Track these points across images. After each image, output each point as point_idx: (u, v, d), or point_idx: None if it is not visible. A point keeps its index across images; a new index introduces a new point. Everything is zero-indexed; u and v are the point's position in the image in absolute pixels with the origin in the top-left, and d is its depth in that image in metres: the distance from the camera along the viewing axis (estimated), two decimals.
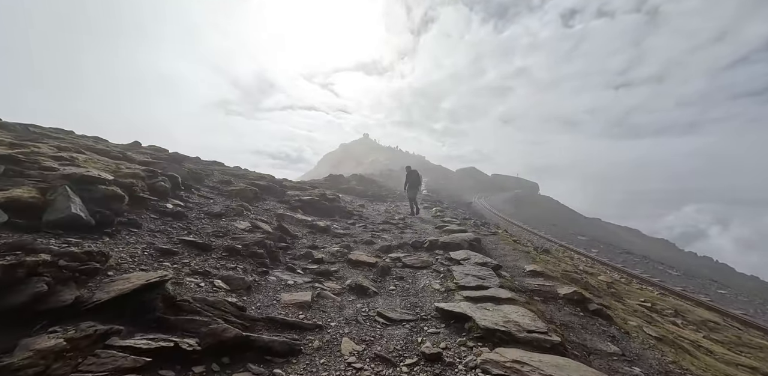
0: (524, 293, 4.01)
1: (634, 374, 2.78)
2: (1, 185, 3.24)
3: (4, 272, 2.08)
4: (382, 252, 5.44)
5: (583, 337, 3.28)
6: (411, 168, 12.39)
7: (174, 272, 3.14)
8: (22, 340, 1.75)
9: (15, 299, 2.02)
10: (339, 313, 3.20)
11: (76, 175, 3.82)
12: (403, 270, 4.66)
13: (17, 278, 2.10)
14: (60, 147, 5.13)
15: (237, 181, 7.31)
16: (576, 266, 8.99)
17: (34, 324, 1.95)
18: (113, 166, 4.86)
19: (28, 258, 2.23)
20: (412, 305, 3.50)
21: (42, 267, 2.26)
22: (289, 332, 2.67)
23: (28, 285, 2.10)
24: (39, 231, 2.95)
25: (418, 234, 7.36)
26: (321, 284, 3.81)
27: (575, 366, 2.23)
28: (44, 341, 1.74)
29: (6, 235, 2.70)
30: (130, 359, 1.80)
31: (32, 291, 2.06)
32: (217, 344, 2.18)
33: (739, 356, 4.77)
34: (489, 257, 5.50)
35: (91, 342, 1.86)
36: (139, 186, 4.54)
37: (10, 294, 2.03)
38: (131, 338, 2.01)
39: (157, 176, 5.16)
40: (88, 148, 5.73)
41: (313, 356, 2.43)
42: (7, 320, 1.93)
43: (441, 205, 20.83)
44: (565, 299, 4.12)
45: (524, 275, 4.93)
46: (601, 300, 4.77)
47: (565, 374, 2.11)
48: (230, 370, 2.11)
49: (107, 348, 1.86)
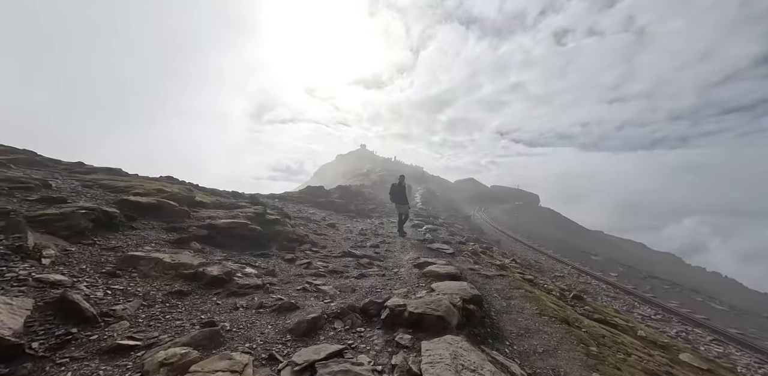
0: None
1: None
2: None
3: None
4: (293, 338, 2.76)
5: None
6: (399, 181, 10.05)
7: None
8: None
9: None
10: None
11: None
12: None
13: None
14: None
15: (92, 196, 4.65)
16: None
17: None
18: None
19: None
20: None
21: None
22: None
23: None
24: None
25: (385, 280, 4.69)
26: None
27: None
28: None
29: None
30: None
31: None
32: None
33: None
34: (500, 348, 2.84)
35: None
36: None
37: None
38: None
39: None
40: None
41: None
42: None
43: (436, 220, 18.15)
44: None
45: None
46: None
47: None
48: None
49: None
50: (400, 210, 9.95)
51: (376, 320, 3.32)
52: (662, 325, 10.83)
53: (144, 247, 3.74)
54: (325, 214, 13.88)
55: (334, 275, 4.84)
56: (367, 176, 74.46)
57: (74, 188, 4.87)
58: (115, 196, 4.76)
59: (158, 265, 3.28)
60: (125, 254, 3.40)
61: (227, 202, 6.64)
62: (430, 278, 4.60)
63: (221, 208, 6.25)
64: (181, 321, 2.51)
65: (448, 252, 7.49)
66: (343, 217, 14.27)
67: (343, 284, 4.32)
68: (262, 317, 2.98)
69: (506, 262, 8.39)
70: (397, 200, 9.87)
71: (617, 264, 20.33)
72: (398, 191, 9.96)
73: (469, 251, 8.24)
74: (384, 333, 3.01)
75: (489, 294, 4.61)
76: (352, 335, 2.96)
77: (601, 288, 15.24)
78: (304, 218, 10.48)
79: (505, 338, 3.21)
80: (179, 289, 3.03)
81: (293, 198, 16.09)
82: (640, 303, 12.88)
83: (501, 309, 4.04)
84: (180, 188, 6.10)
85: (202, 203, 5.90)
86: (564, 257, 21.12)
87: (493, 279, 5.29)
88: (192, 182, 9.83)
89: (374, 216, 16.36)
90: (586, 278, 16.89)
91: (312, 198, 16.48)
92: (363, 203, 19.52)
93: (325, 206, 15.81)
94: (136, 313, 2.45)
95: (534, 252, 22.15)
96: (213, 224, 5.00)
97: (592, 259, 20.93)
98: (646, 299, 13.28)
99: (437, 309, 3.11)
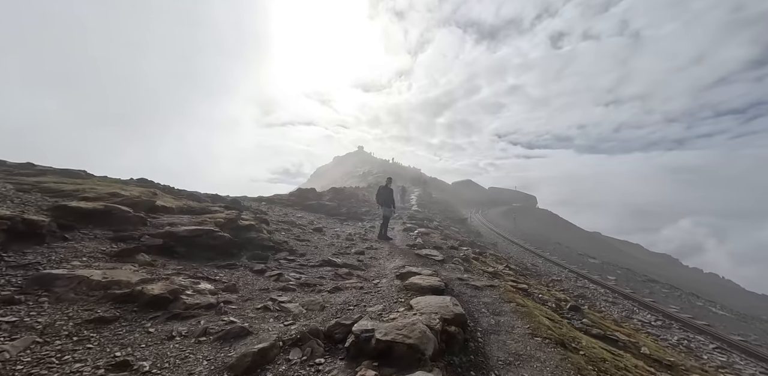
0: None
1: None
2: None
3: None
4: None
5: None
6: (386, 183, 10.01)
7: None
8: None
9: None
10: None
11: None
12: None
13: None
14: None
15: (22, 202, 4.10)
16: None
17: None
18: None
19: None
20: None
21: None
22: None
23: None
24: None
25: (361, 294, 4.20)
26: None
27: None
28: None
29: None
30: None
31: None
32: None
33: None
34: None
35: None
36: None
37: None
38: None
39: None
40: None
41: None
42: None
43: (430, 223, 17.69)
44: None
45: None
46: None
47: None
48: None
49: None
50: (385, 213, 9.59)
51: (341, 347, 2.84)
52: (663, 332, 10.40)
53: (71, 262, 3.22)
54: (313, 217, 13.38)
55: (305, 289, 4.35)
56: (363, 178, 73.97)
57: (4, 192, 4.31)
58: (54, 201, 4.25)
59: (82, 284, 2.78)
60: (38, 272, 2.88)
61: (197, 206, 6.13)
62: (410, 292, 4.13)
63: (189, 213, 5.75)
64: (82, 364, 1.98)
65: (437, 259, 7.03)
66: (332, 220, 13.78)
67: (311, 301, 3.83)
68: (200, 349, 2.49)
69: (499, 268, 7.93)
70: (383, 203, 9.52)
71: (615, 267, 19.92)
72: (385, 193, 9.58)
73: (460, 258, 7.78)
74: (346, 366, 2.52)
75: (476, 309, 4.15)
76: (308, 370, 2.48)
77: (599, 293, 14.81)
78: (289, 222, 9.98)
79: (490, 368, 2.73)
80: (101, 315, 2.52)
81: (282, 201, 15.58)
82: (640, 308, 12.46)
83: (488, 328, 3.57)
84: (141, 192, 5.57)
85: (165, 207, 5.39)
86: (561, 259, 20.72)
87: (483, 291, 4.82)
88: (169, 185, 9.32)
89: (366, 219, 15.88)
90: (583, 281, 16.46)
91: (302, 201, 15.97)
92: (356, 206, 19.02)
93: (315, 208, 15.32)
94: (19, 356, 1.93)
95: (531, 255, 21.73)
96: (172, 231, 4.49)
97: (589, 262, 20.53)
98: (646, 304, 12.86)
99: (409, 336, 2.63)
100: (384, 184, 9.80)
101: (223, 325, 2.96)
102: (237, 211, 6.74)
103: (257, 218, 6.82)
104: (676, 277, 36.07)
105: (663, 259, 71.39)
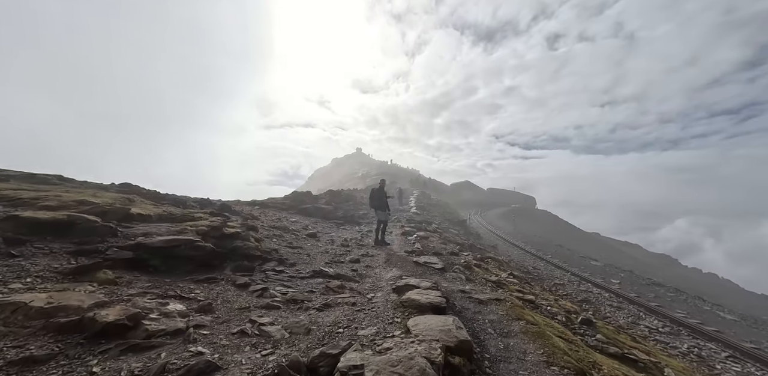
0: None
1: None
2: None
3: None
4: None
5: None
6: (379, 186, 9.61)
7: None
8: None
9: None
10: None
11: None
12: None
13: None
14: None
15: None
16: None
17: None
18: None
19: None
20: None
21: None
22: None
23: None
24: None
25: (353, 311, 3.77)
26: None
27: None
28: None
29: None
30: None
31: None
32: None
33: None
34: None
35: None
36: None
37: None
38: None
39: None
40: None
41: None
42: None
43: (429, 226, 17.26)
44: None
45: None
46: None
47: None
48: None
49: None
50: (380, 217, 9.19)
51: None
52: (672, 339, 10.00)
53: (10, 284, 2.76)
54: (308, 222, 12.93)
55: (291, 307, 3.91)
56: (362, 180, 73.56)
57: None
58: (5, 212, 3.80)
59: (17, 313, 2.34)
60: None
61: (179, 213, 5.69)
62: (408, 310, 3.70)
63: (169, 221, 5.31)
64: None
65: (436, 267, 6.60)
66: (328, 225, 13.33)
67: (296, 323, 3.39)
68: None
69: (503, 276, 7.51)
70: (377, 206, 9.12)
71: (618, 270, 19.52)
72: (378, 196, 9.18)
73: (461, 265, 7.36)
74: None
75: (482, 329, 3.72)
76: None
77: (604, 297, 14.40)
78: (281, 227, 9.53)
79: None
80: (32, 353, 2.08)
81: (276, 205, 15.12)
82: (646, 314, 12.05)
83: (497, 354, 3.14)
84: (116, 198, 5.11)
85: (141, 215, 4.94)
86: (563, 262, 20.32)
87: (488, 305, 4.40)
88: (154, 190, 8.86)
89: (364, 223, 15.45)
90: (587, 285, 16.06)
91: (297, 204, 15.51)
92: (353, 209, 18.58)
93: (311, 212, 14.87)
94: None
95: (532, 258, 21.33)
96: (144, 243, 4.05)
97: (591, 264, 20.13)
98: (652, 308, 12.46)
99: (405, 375, 2.20)
100: (378, 187, 9.39)
101: (188, 357, 2.52)
102: (223, 217, 6.30)
103: (245, 224, 6.37)
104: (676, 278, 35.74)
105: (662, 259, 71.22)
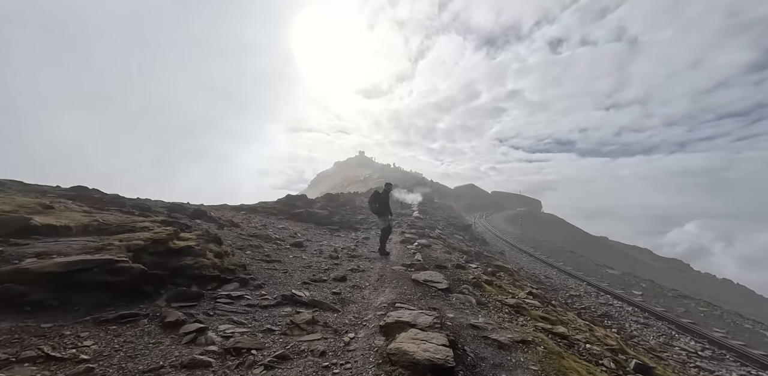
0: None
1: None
2: None
3: None
4: None
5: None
6: (385, 189, 8.41)
7: None
8: None
9: None
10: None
11: None
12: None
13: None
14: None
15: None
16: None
17: None
18: None
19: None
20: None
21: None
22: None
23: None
24: None
25: (318, 370, 2.56)
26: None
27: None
28: None
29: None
30: None
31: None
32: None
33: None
34: None
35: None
36: None
37: None
38: None
39: None
40: None
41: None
42: None
43: (432, 232, 15.99)
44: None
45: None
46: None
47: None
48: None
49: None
50: (382, 224, 8.00)
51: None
52: (716, 366, 8.58)
53: None
54: (299, 228, 11.75)
55: (229, 363, 2.69)
56: (364, 183, 72.44)
57: None
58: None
59: None
60: None
61: (116, 222, 4.54)
62: (397, 371, 2.48)
63: (97, 232, 4.15)
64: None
65: (440, 287, 5.35)
66: (321, 232, 12.13)
67: None
68: None
69: (520, 296, 6.24)
70: (378, 211, 7.91)
71: (638, 279, 18.01)
72: (381, 200, 7.97)
73: (469, 283, 6.11)
74: None
75: None
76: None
77: (627, 311, 12.98)
78: (263, 236, 8.35)
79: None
80: None
81: (266, 209, 13.97)
82: (679, 333, 10.62)
83: None
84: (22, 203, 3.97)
85: (50, 227, 3.77)
86: (577, 270, 18.87)
87: (512, 353, 3.14)
88: (117, 194, 7.75)
89: (361, 229, 14.24)
90: (606, 297, 14.62)
91: (288, 209, 14.35)
92: (350, 214, 17.37)
93: (304, 218, 13.70)
94: None
95: (542, 265, 19.92)
96: (27, 268, 2.90)
97: (608, 273, 18.65)
98: (685, 326, 11.03)
99: None
100: (382, 190, 8.13)
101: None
102: (177, 226, 5.13)
103: (206, 235, 5.20)
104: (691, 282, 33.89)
105: (673, 264, 68.88)
